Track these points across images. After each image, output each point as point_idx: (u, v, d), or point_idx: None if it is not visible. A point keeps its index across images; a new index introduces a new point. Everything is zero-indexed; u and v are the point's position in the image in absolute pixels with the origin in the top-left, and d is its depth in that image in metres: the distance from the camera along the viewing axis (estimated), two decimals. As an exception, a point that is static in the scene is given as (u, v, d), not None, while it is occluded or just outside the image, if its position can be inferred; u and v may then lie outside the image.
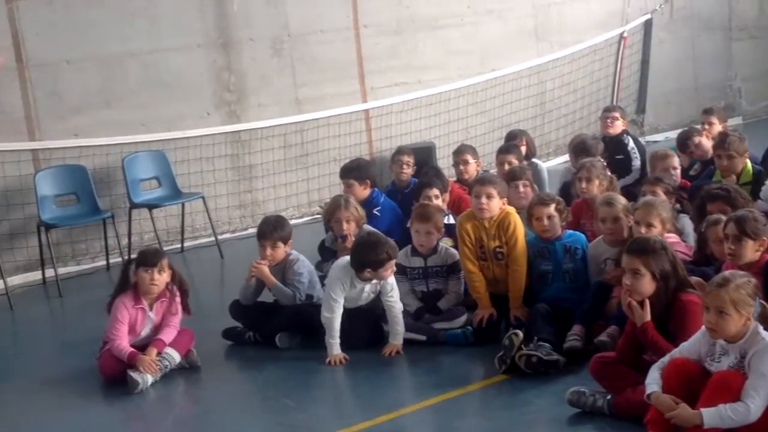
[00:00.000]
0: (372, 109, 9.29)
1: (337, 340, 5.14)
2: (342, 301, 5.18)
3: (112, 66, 7.96)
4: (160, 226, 7.75)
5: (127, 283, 5.22)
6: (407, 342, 5.22)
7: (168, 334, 5.17)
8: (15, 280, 7.35)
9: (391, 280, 5.24)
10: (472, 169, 7.05)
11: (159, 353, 5.09)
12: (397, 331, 5.21)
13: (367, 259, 5.13)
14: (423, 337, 5.26)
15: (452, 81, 9.68)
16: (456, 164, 7.16)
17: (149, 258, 5.17)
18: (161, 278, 5.16)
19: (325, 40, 8.97)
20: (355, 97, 9.18)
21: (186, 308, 5.30)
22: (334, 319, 5.14)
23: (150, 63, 8.12)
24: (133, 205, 7.68)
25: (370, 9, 9.19)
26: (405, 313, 5.34)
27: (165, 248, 7.60)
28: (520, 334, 4.65)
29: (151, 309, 5.20)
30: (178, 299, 5.26)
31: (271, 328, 5.46)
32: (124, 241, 7.61)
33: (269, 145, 8.67)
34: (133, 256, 5.52)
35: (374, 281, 5.21)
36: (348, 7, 9.08)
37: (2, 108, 7.48)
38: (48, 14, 7.64)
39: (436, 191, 6.26)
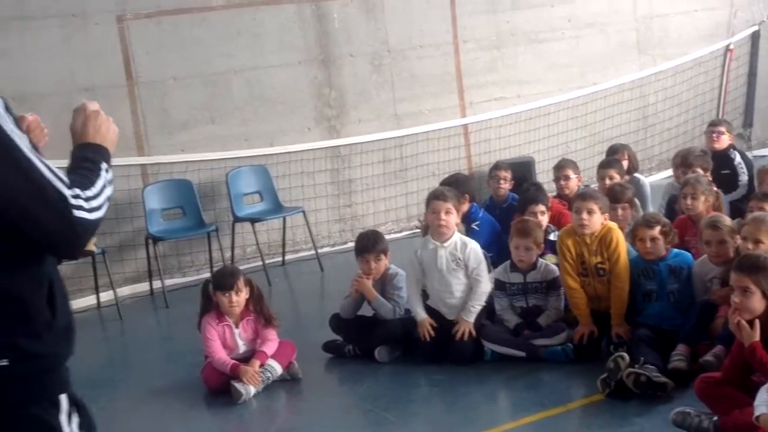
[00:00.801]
0: (471, 124, 9.29)
1: (419, 308, 5.37)
2: (416, 270, 5.41)
3: (216, 82, 8.17)
4: (261, 240, 7.90)
5: (209, 303, 5.31)
6: (506, 358, 5.20)
7: (269, 347, 5.25)
8: (124, 290, 7.59)
9: (478, 253, 5.37)
10: (573, 184, 6.96)
11: (261, 365, 5.17)
12: (473, 307, 5.24)
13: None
14: (522, 354, 5.22)
15: (552, 95, 9.60)
16: (557, 179, 7.08)
17: (225, 281, 5.21)
18: (239, 299, 5.22)
19: (425, 55, 9.02)
20: (453, 112, 9.20)
21: (269, 320, 5.35)
22: (410, 294, 5.40)
23: (253, 79, 8.31)
24: (237, 219, 7.85)
25: (470, 24, 9.20)
26: (504, 328, 5.34)
27: (267, 261, 7.77)
28: (626, 357, 4.55)
29: (237, 326, 5.29)
30: (262, 314, 5.32)
31: (371, 341, 5.50)
32: (228, 254, 7.79)
33: (368, 160, 8.76)
34: (201, 277, 5.59)
35: (448, 245, 5.34)
36: (448, 23, 9.12)
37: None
38: (156, 33, 7.91)
39: (542, 207, 6.19)
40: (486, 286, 5.37)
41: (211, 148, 8.08)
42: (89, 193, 2.13)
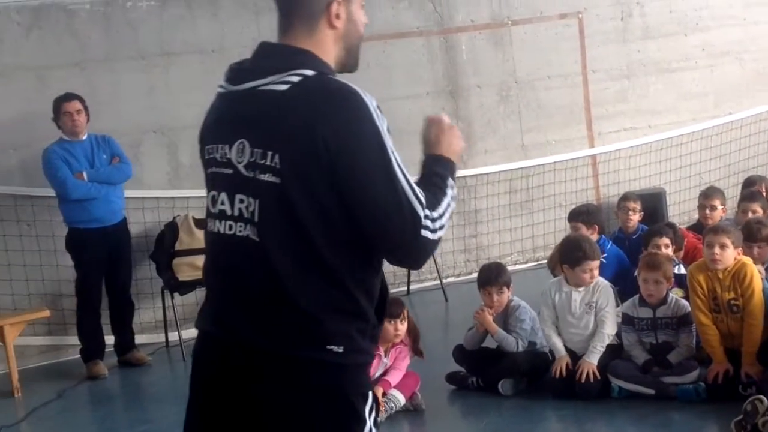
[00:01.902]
0: (599, 155, 9.18)
1: (559, 345, 5.33)
2: (551, 313, 5.36)
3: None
4: (387, 269, 7.95)
5: None
6: (634, 395, 5.10)
7: (394, 376, 5.31)
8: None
9: (609, 297, 5.28)
10: (718, 215, 6.76)
11: (384, 394, 5.23)
12: (596, 348, 5.15)
13: (563, 254, 5.28)
14: (651, 391, 5.11)
15: (685, 125, 9.38)
16: (702, 207, 6.87)
17: (394, 309, 5.28)
18: (403, 327, 5.32)
19: (553, 86, 8.98)
20: (581, 143, 9.11)
21: (419, 352, 5.43)
22: (547, 334, 5.33)
23: (382, 110, 8.41)
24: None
25: (599, 54, 9.12)
26: (632, 364, 5.24)
27: (391, 291, 7.82)
28: (765, 400, 4.40)
29: (386, 355, 5.37)
30: (409, 344, 5.40)
31: (495, 374, 5.49)
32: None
33: (495, 191, 8.76)
34: None
35: (583, 290, 5.29)
36: (576, 53, 9.05)
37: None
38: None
39: (666, 240, 6.07)
40: (611, 327, 5.30)
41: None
42: (435, 214, 2.23)
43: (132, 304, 7.04)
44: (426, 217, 2.19)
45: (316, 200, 2.15)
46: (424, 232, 2.18)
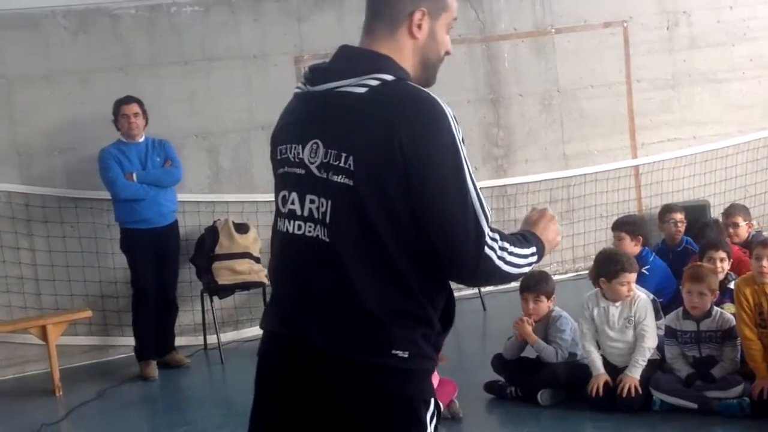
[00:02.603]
0: (642, 165, 9.07)
1: (598, 363, 5.23)
2: (590, 327, 5.30)
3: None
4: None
5: None
6: (676, 409, 5.02)
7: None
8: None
9: (648, 310, 5.22)
10: (743, 232, 6.65)
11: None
12: (638, 362, 5.09)
13: (599, 268, 5.26)
14: (694, 405, 5.03)
15: (731, 137, 9.25)
16: (725, 225, 6.77)
17: None
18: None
19: (596, 96, 8.90)
20: (624, 153, 9.02)
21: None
22: (587, 350, 5.26)
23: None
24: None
25: (644, 63, 9.02)
26: (675, 378, 5.16)
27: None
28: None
29: None
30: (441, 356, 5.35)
31: (534, 384, 5.44)
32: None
33: (535, 200, 8.69)
34: None
35: (620, 304, 5.22)
36: (620, 62, 8.97)
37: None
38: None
39: (722, 254, 5.91)
40: (651, 341, 5.23)
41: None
42: (509, 246, 2.25)
43: (176, 307, 7.07)
44: (494, 239, 2.21)
45: (387, 205, 2.16)
46: (488, 251, 2.18)
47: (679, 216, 6.98)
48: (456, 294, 2.41)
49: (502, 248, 2.22)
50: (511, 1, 8.66)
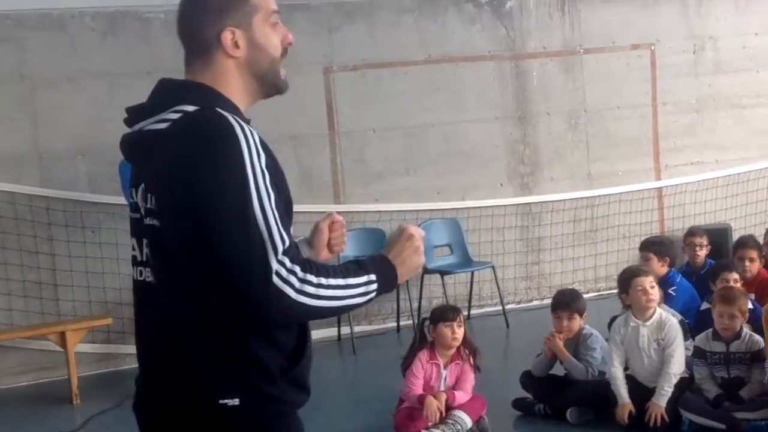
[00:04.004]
0: (665, 187, 9.05)
1: (624, 392, 5.12)
2: (619, 352, 5.22)
3: (414, 135, 8.34)
4: (448, 292, 7.93)
5: (423, 339, 5.36)
6: (705, 429, 4.97)
7: (461, 396, 5.23)
8: (314, 334, 7.72)
9: (677, 334, 5.15)
10: (756, 267, 6.51)
11: (448, 408, 5.13)
12: (663, 389, 5.02)
13: (620, 286, 5.27)
14: (722, 426, 4.99)
15: (753, 161, 9.24)
16: (741, 259, 6.58)
17: (449, 313, 5.29)
18: (460, 332, 5.25)
19: (622, 116, 8.90)
20: (648, 175, 9.00)
21: (476, 368, 5.34)
22: (613, 375, 5.17)
23: (450, 133, 8.42)
24: (426, 271, 7.91)
25: (670, 86, 9.02)
26: (703, 398, 5.11)
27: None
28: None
29: (445, 368, 5.29)
30: (470, 362, 5.31)
31: (563, 402, 5.39)
32: (415, 305, 7.84)
33: (559, 219, 8.67)
34: (426, 315, 5.64)
35: (650, 324, 5.16)
36: (647, 84, 8.98)
37: (314, 172, 8.05)
38: (360, 86, 8.17)
39: (735, 275, 5.95)
40: (678, 366, 5.15)
41: (405, 199, 8.22)
42: (323, 279, 1.98)
43: None
44: (289, 270, 1.94)
45: (188, 243, 1.99)
46: (281, 286, 1.92)
47: (700, 239, 6.98)
48: (478, 310, 2.28)
49: (305, 281, 1.94)
50: (541, 19, 8.67)
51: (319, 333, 7.78)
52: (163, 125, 2.07)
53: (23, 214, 7.23)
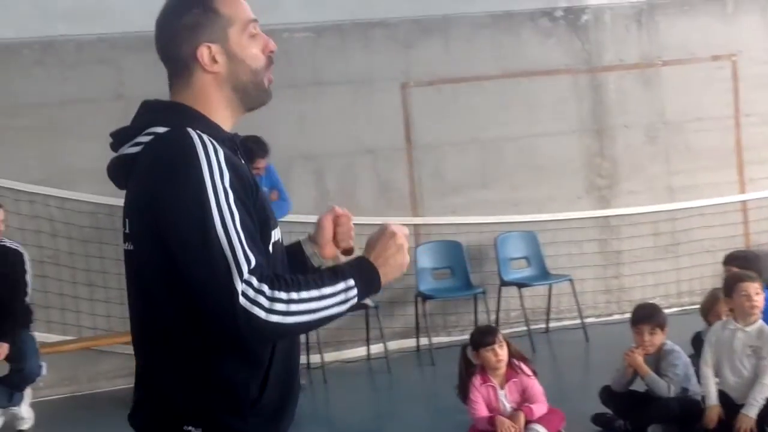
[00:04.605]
0: (750, 201, 8.88)
1: (713, 393, 5.07)
2: (712, 353, 5.16)
3: (489, 149, 8.37)
4: (526, 305, 7.93)
5: (469, 366, 5.31)
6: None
7: (538, 407, 5.19)
8: (392, 345, 7.84)
9: None
10: None
11: (528, 422, 5.10)
12: (756, 400, 4.94)
13: (724, 290, 5.17)
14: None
15: (843, 174, 9.00)
16: None
17: (486, 337, 5.20)
18: (503, 352, 5.19)
19: (703, 129, 8.76)
20: (731, 188, 8.84)
21: (534, 372, 5.31)
22: (704, 374, 5.12)
23: (525, 147, 8.42)
24: (503, 283, 7.93)
25: (753, 97, 8.84)
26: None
27: (531, 327, 7.77)
28: None
29: (502, 388, 5.25)
30: (528, 373, 5.26)
31: (644, 418, 5.31)
32: (493, 317, 7.85)
33: (638, 232, 8.58)
34: (464, 338, 5.58)
35: (749, 330, 5.08)
36: (729, 96, 8.83)
37: (392, 185, 8.15)
38: (437, 100, 8.24)
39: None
40: None
41: (481, 212, 8.25)
42: (293, 293, 1.90)
43: None
44: (257, 290, 1.87)
45: (156, 266, 1.98)
46: (249, 307, 1.85)
47: None
48: (557, 323, 2.25)
49: (274, 299, 1.87)
50: (617, 32, 8.63)
51: (396, 344, 7.90)
52: (136, 149, 2.04)
53: (105, 223, 7.45)
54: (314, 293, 1.91)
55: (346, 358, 7.79)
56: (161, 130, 2.02)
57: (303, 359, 7.54)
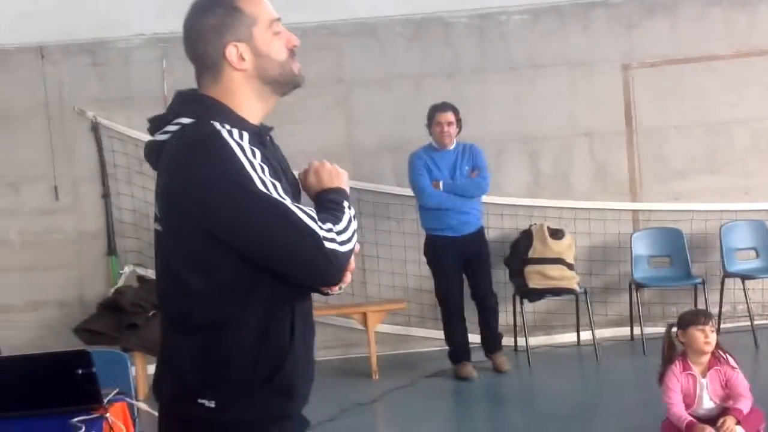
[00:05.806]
0: None
1: None
2: None
3: (718, 133, 7.94)
4: (754, 299, 7.48)
5: (671, 350, 5.05)
6: None
7: (744, 405, 4.89)
8: (604, 332, 7.67)
9: None
10: None
11: (738, 422, 4.83)
12: None
13: None
14: None
15: None
16: None
17: (701, 317, 4.89)
18: (714, 337, 4.88)
19: None
20: None
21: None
22: None
23: (758, 130, 7.92)
24: (727, 274, 7.51)
25: None
26: None
27: (756, 322, 7.32)
28: None
29: (703, 377, 4.96)
30: (733, 365, 4.94)
31: None
32: (715, 309, 7.44)
33: None
34: (671, 321, 5.29)
35: None
36: None
37: (609, 169, 7.94)
38: (660, 82, 7.93)
39: None
40: None
41: (707, 199, 7.87)
42: (339, 227, 2.12)
43: (494, 311, 7.04)
44: (329, 230, 2.09)
45: (185, 247, 2.11)
46: (329, 245, 2.06)
47: None
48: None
49: (338, 232, 2.11)
50: None
51: (607, 332, 7.72)
52: (165, 137, 2.19)
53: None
54: (346, 220, 2.15)
55: (555, 343, 7.72)
56: (187, 121, 2.16)
57: (510, 341, 7.58)
